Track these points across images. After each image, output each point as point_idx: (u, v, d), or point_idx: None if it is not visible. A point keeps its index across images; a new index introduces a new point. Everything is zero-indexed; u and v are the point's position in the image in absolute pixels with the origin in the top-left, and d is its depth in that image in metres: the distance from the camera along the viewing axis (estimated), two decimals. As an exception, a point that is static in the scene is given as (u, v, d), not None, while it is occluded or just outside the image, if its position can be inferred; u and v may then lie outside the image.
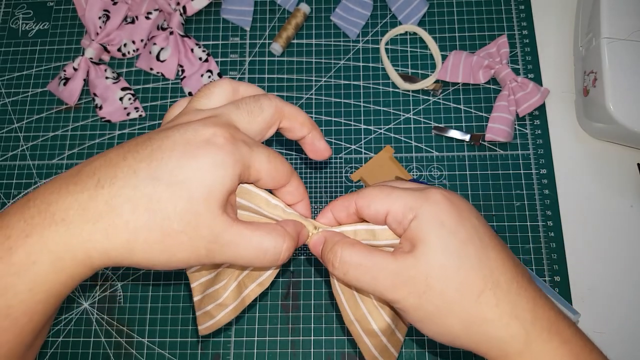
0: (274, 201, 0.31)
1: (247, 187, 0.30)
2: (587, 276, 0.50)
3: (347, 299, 0.33)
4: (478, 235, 0.29)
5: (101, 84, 0.58)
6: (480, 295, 0.27)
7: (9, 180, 0.57)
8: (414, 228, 0.28)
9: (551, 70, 0.58)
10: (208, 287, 0.34)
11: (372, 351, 0.33)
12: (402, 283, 0.28)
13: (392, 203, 0.29)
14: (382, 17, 0.61)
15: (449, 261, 0.28)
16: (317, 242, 0.32)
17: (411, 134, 0.56)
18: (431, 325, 0.29)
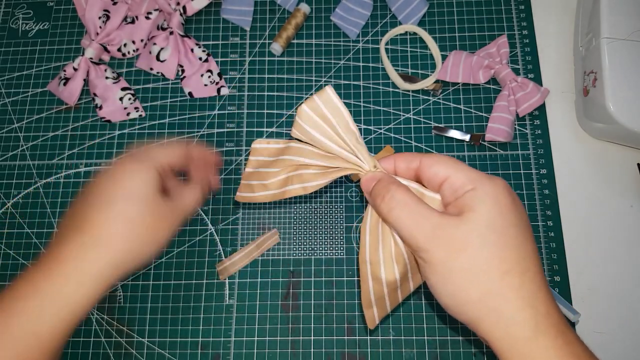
0: (352, 126, 0.33)
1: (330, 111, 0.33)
2: (587, 276, 0.50)
3: (371, 241, 0.34)
4: (523, 224, 0.30)
5: (101, 84, 0.58)
6: (507, 274, 0.28)
7: (9, 180, 0.57)
8: (468, 198, 0.30)
9: (551, 70, 0.58)
10: (262, 166, 0.37)
11: (370, 295, 0.34)
12: (439, 236, 0.29)
13: (455, 171, 0.31)
14: (382, 17, 0.61)
15: (490, 234, 0.29)
16: (370, 179, 0.33)
17: (411, 134, 0.56)
18: (449, 284, 0.29)
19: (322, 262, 0.52)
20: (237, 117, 0.58)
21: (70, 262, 0.34)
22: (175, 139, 0.44)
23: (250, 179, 0.39)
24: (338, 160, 0.34)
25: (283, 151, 0.36)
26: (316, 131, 0.33)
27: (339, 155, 0.34)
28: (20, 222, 0.55)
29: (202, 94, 0.59)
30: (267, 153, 0.38)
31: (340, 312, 0.50)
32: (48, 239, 0.54)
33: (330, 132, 0.33)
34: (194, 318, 0.51)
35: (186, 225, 0.54)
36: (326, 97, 0.33)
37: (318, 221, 0.53)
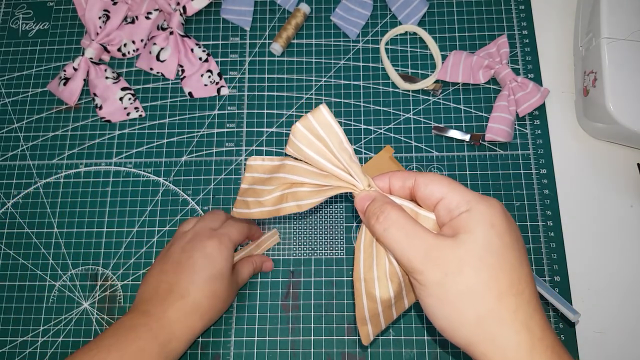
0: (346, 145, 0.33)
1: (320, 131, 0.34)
2: (587, 276, 0.50)
3: (365, 258, 0.34)
4: (518, 246, 0.30)
5: (101, 84, 0.58)
6: (504, 296, 0.28)
7: (9, 180, 0.57)
8: (463, 219, 0.30)
9: (551, 70, 0.58)
10: (257, 183, 0.38)
11: (364, 312, 0.35)
12: (435, 257, 0.29)
13: (450, 191, 0.31)
14: (382, 17, 0.61)
15: (487, 256, 0.29)
16: (364, 198, 0.33)
17: (411, 134, 0.56)
18: (445, 307, 0.29)
19: (322, 262, 0.52)
20: (237, 117, 0.58)
21: (175, 326, 0.42)
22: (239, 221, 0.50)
23: (246, 196, 0.39)
24: (332, 179, 0.34)
25: (278, 169, 0.36)
26: (310, 149, 0.34)
27: (333, 173, 0.34)
28: (20, 222, 0.55)
29: (202, 94, 0.59)
30: (262, 170, 0.38)
31: (340, 312, 0.50)
32: (48, 239, 0.54)
33: (324, 150, 0.33)
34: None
35: (186, 225, 0.54)
36: (320, 115, 0.33)
37: (318, 221, 0.53)
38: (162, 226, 0.54)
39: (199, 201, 0.55)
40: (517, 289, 0.29)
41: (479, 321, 0.28)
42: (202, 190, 0.55)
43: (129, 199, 0.55)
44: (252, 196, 0.38)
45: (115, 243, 0.54)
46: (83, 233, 0.54)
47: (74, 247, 0.54)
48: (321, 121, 0.33)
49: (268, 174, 0.37)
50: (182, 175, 0.56)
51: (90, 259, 0.53)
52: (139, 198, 0.55)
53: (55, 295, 0.52)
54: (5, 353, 0.51)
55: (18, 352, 0.51)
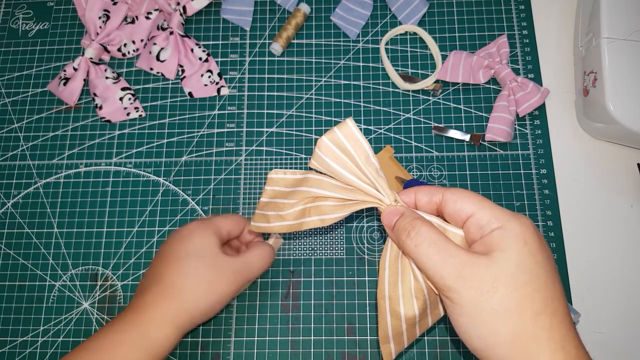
0: (372, 159, 0.33)
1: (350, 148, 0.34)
2: (587, 276, 0.50)
3: (390, 275, 0.33)
4: (550, 265, 0.30)
5: (101, 84, 0.58)
6: (539, 315, 0.28)
7: (9, 180, 0.57)
8: (496, 236, 0.29)
9: (551, 70, 0.58)
10: (278, 197, 0.37)
11: (388, 330, 0.34)
12: (468, 276, 0.29)
13: (481, 208, 0.31)
14: (382, 17, 0.61)
15: (520, 274, 0.28)
16: (393, 213, 0.33)
17: (411, 134, 0.56)
18: (479, 326, 0.29)
19: (322, 262, 0.52)
20: (237, 117, 0.58)
21: (151, 310, 0.41)
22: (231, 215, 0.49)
23: (266, 209, 0.38)
24: (358, 193, 0.33)
25: (300, 182, 0.36)
26: (336, 163, 0.33)
27: (359, 187, 0.33)
28: (20, 222, 0.55)
29: (202, 94, 0.59)
30: (283, 183, 0.37)
31: (340, 312, 0.50)
32: (48, 239, 0.54)
33: (350, 164, 0.33)
34: (194, 318, 0.51)
35: (186, 225, 0.54)
36: (347, 129, 0.33)
37: (318, 221, 0.53)
38: (162, 226, 0.54)
39: (199, 201, 0.55)
40: (552, 308, 0.28)
41: (515, 341, 0.28)
42: (202, 190, 0.55)
43: (129, 199, 0.55)
44: (273, 210, 0.37)
45: (115, 243, 0.54)
46: (83, 233, 0.54)
47: (74, 247, 0.54)
48: (348, 134, 0.33)
49: (290, 188, 0.37)
50: (182, 175, 0.56)
51: (90, 259, 0.53)
52: (139, 198, 0.55)
53: (55, 295, 0.52)
54: (5, 353, 0.51)
55: (18, 352, 0.51)
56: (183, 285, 0.41)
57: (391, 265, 0.33)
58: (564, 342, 0.28)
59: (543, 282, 0.29)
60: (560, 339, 0.28)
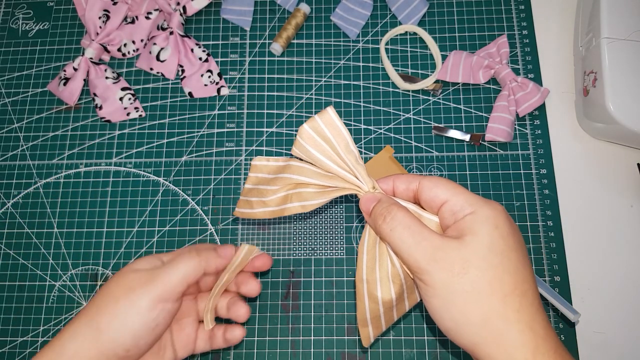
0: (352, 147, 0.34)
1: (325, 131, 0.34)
2: (587, 276, 0.50)
3: (368, 260, 0.35)
4: (521, 248, 0.31)
5: (101, 84, 0.58)
6: (508, 296, 0.29)
7: (9, 180, 0.57)
8: (468, 221, 0.30)
9: (551, 70, 0.58)
10: (261, 183, 0.38)
11: (366, 313, 0.35)
12: (440, 258, 0.29)
13: (454, 194, 0.32)
14: (382, 17, 0.61)
15: (491, 256, 0.29)
16: (370, 199, 0.34)
17: (411, 134, 0.56)
18: (451, 307, 0.29)
19: (322, 262, 0.52)
20: (237, 117, 0.58)
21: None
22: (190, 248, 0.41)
23: (249, 195, 0.39)
24: (337, 180, 0.34)
25: (283, 169, 0.37)
26: (316, 150, 0.34)
27: (338, 174, 0.34)
28: (20, 222, 0.55)
29: (202, 94, 0.59)
30: (266, 170, 0.38)
31: (340, 312, 0.50)
32: (48, 239, 0.54)
33: (330, 151, 0.34)
34: (194, 318, 0.51)
35: (186, 225, 0.54)
36: (327, 117, 0.34)
37: (318, 221, 0.53)
38: (162, 226, 0.54)
39: (199, 201, 0.55)
40: (521, 289, 0.29)
41: (485, 322, 0.29)
42: (202, 190, 0.55)
43: (129, 199, 0.55)
44: (256, 196, 0.38)
45: (115, 243, 0.54)
46: (83, 233, 0.54)
47: (74, 247, 0.54)
48: (328, 122, 0.34)
49: (273, 174, 0.38)
50: (182, 175, 0.56)
51: (90, 259, 0.53)
52: (139, 198, 0.55)
53: (55, 295, 0.52)
54: (5, 353, 0.51)
55: (18, 352, 0.51)
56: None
57: (369, 251, 0.34)
58: (532, 323, 0.29)
59: (514, 264, 0.30)
60: (529, 319, 0.29)
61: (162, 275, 0.36)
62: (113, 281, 0.37)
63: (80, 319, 0.36)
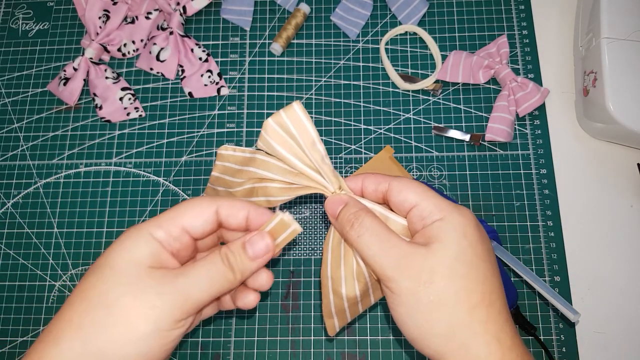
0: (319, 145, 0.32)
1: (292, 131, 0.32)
2: (587, 276, 0.50)
3: (332, 258, 0.34)
4: (489, 257, 0.30)
5: (101, 84, 0.58)
6: (475, 307, 0.28)
7: (9, 180, 0.57)
8: (436, 227, 0.30)
9: (551, 70, 0.58)
10: (227, 173, 0.36)
11: (331, 307, 0.35)
12: (407, 266, 0.29)
13: (424, 199, 0.31)
14: (382, 17, 0.61)
15: (458, 266, 0.29)
16: (337, 202, 0.33)
17: (411, 134, 0.56)
18: (416, 316, 0.29)
19: (322, 262, 0.52)
20: (237, 117, 0.58)
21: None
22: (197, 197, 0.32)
23: (216, 184, 0.38)
24: (302, 178, 0.33)
25: (248, 161, 0.36)
26: (281, 146, 0.33)
27: (303, 172, 0.33)
28: (20, 222, 0.55)
29: (202, 94, 0.59)
30: (233, 160, 0.37)
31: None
32: (48, 239, 0.54)
33: (296, 148, 0.33)
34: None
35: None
36: (293, 113, 0.32)
37: (318, 221, 0.53)
38: (162, 226, 0.54)
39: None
40: (489, 300, 0.29)
41: (450, 332, 0.28)
42: (202, 190, 0.55)
43: (129, 199, 0.55)
44: (223, 186, 0.37)
45: (115, 243, 0.54)
46: (83, 233, 0.54)
47: (74, 247, 0.54)
48: (294, 119, 0.32)
49: (239, 165, 0.36)
50: (182, 175, 0.56)
51: (90, 259, 0.53)
52: (139, 198, 0.55)
53: (55, 295, 0.52)
54: (5, 353, 0.51)
55: (18, 352, 0.51)
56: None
57: (334, 250, 0.34)
58: (499, 334, 0.28)
59: (481, 274, 0.29)
60: (496, 330, 0.28)
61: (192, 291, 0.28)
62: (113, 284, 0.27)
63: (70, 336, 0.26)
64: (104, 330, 0.26)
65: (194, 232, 0.30)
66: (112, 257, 0.28)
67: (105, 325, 0.26)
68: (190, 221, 0.30)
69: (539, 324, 0.49)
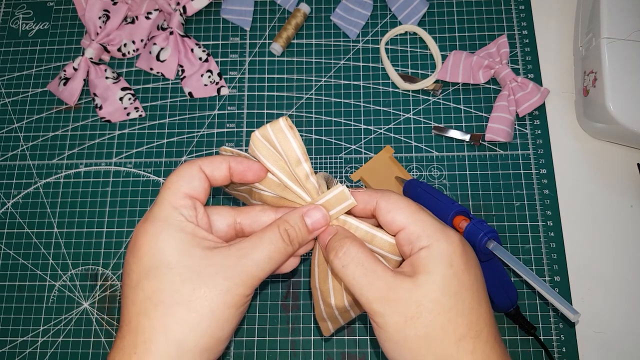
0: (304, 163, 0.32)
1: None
2: (587, 276, 0.50)
3: (319, 272, 0.34)
4: (477, 285, 0.30)
5: (101, 84, 0.58)
6: (462, 340, 0.28)
7: (9, 180, 0.57)
8: (423, 257, 0.29)
9: (551, 70, 0.58)
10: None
11: (322, 313, 0.35)
12: (393, 299, 0.29)
13: (412, 222, 0.30)
14: (382, 17, 0.61)
15: (444, 299, 0.28)
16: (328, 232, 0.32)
17: (411, 134, 0.56)
18: (404, 352, 0.29)
19: (322, 262, 0.52)
20: (237, 117, 0.58)
21: None
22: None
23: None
24: (290, 194, 0.33)
25: None
26: (268, 160, 0.32)
27: (290, 188, 0.33)
28: (20, 222, 0.55)
29: (202, 94, 0.59)
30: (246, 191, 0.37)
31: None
32: (48, 239, 0.54)
33: (282, 163, 0.32)
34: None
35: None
36: (278, 129, 0.31)
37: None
38: (162, 226, 0.54)
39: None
40: (475, 330, 0.29)
41: None
42: (202, 190, 0.55)
43: (129, 199, 0.55)
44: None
45: (115, 243, 0.54)
46: (83, 233, 0.54)
47: (74, 247, 0.54)
48: (279, 135, 0.31)
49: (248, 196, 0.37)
50: (182, 175, 0.56)
51: (90, 259, 0.53)
52: (139, 198, 0.55)
53: (55, 295, 0.52)
54: (5, 353, 0.51)
55: (18, 352, 0.51)
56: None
57: (320, 264, 0.34)
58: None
59: (467, 305, 0.29)
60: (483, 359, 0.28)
61: (245, 270, 0.29)
62: (158, 281, 0.28)
63: (157, 337, 0.27)
64: (184, 325, 0.27)
65: (195, 193, 0.31)
66: (160, 256, 0.29)
67: (186, 320, 0.27)
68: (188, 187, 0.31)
69: (539, 324, 0.49)
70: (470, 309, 0.29)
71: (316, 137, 0.56)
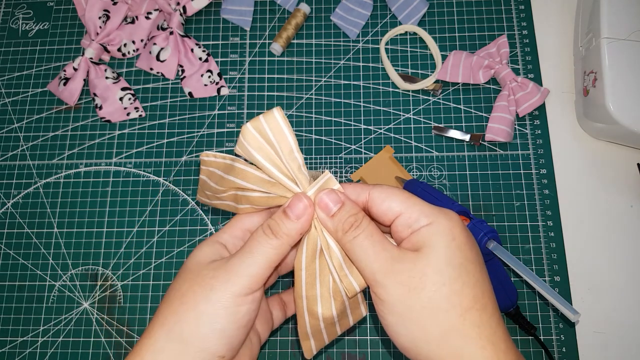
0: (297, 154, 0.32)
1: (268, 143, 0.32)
2: (587, 276, 0.50)
3: (307, 276, 0.33)
4: (478, 260, 0.30)
5: (101, 84, 0.58)
6: (467, 311, 0.28)
7: (9, 180, 0.57)
8: (424, 233, 0.29)
9: (551, 70, 0.58)
10: (212, 178, 0.36)
11: (306, 328, 0.34)
12: (397, 270, 0.28)
13: (409, 206, 0.30)
14: (382, 17, 0.61)
15: (449, 270, 0.28)
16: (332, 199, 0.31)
17: (411, 134, 0.56)
18: (407, 324, 0.28)
19: (322, 262, 0.52)
20: (237, 117, 0.58)
21: None
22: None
23: (204, 189, 0.38)
24: (279, 188, 0.33)
25: (228, 170, 0.35)
26: (259, 153, 0.32)
27: (280, 182, 0.32)
28: (20, 222, 0.55)
29: (202, 94, 0.59)
30: (215, 166, 0.36)
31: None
32: (48, 239, 0.54)
33: (273, 155, 0.32)
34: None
35: (186, 225, 0.54)
36: (272, 119, 0.31)
37: (318, 221, 0.53)
38: (162, 226, 0.54)
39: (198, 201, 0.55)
40: (481, 303, 0.28)
41: (444, 337, 0.28)
42: (202, 190, 0.55)
43: (129, 199, 0.55)
44: (209, 190, 0.37)
45: (115, 243, 0.54)
46: (83, 233, 0.54)
47: (74, 247, 0.54)
48: (273, 125, 0.31)
49: (221, 171, 0.36)
50: (182, 175, 0.56)
51: (90, 259, 0.53)
52: (139, 198, 0.55)
53: (55, 295, 0.52)
54: (5, 353, 0.51)
55: (18, 352, 0.51)
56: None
57: (308, 267, 0.33)
58: (493, 337, 0.28)
59: (472, 277, 0.29)
60: (490, 334, 0.28)
61: (241, 267, 0.31)
62: (183, 281, 0.32)
63: (157, 331, 0.31)
64: (180, 318, 0.30)
65: (253, 228, 0.35)
66: (187, 262, 0.33)
67: (179, 313, 0.31)
68: (247, 221, 0.35)
69: (539, 324, 0.49)
70: (475, 282, 0.29)
71: (316, 137, 0.56)
